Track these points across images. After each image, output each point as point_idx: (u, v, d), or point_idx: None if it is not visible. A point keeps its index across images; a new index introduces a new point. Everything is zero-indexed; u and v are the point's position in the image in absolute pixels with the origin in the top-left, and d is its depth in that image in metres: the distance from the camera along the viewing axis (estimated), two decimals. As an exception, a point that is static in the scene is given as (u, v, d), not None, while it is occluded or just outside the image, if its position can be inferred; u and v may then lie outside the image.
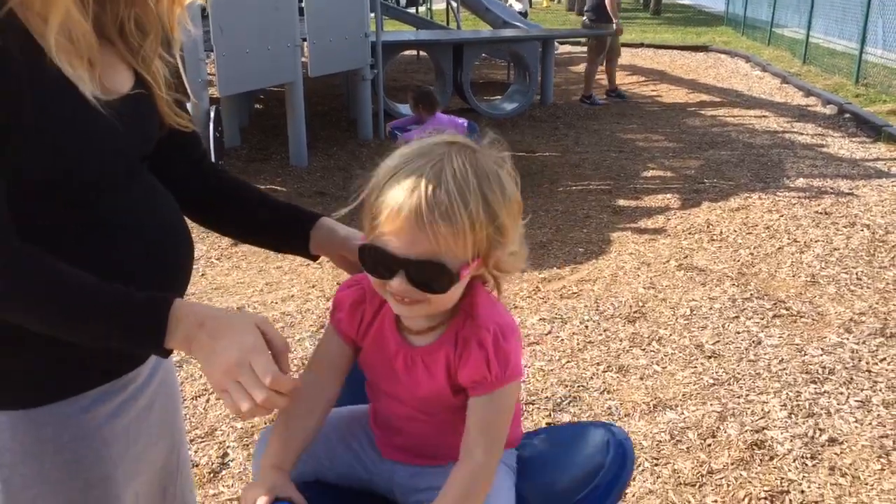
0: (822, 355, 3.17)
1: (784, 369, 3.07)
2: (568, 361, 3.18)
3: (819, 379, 2.99)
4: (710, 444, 2.60)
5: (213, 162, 1.31)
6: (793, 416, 2.75)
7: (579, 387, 2.97)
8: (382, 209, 0.95)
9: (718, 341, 3.33)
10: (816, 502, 2.32)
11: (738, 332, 3.40)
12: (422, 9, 16.13)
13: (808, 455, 2.52)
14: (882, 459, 2.50)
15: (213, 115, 5.41)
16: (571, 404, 2.85)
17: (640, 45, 14.59)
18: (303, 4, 6.18)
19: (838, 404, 2.82)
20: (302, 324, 3.51)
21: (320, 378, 1.12)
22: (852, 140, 7.07)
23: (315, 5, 6.13)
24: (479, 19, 10.87)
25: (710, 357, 3.19)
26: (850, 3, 10.56)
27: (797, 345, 3.27)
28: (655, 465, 2.49)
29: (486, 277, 1.05)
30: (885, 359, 3.14)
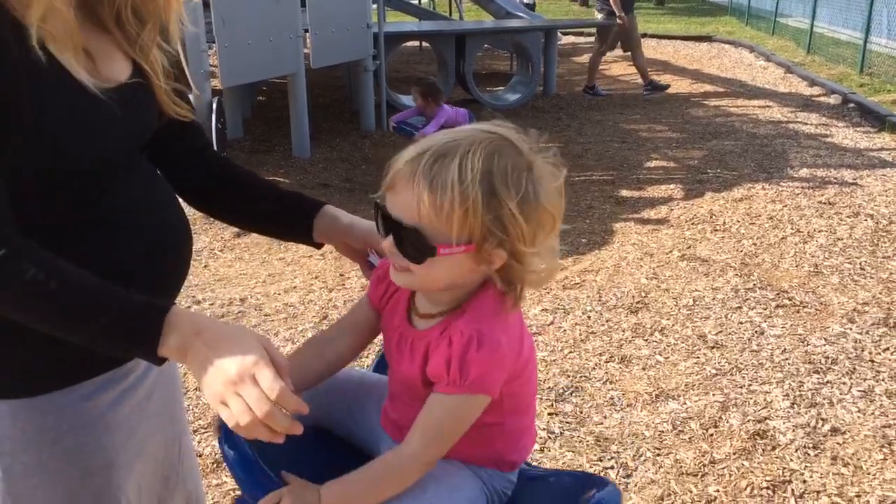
0: (824, 345, 3.17)
1: (787, 359, 3.07)
2: (570, 352, 3.18)
3: (822, 369, 2.99)
4: (712, 434, 2.60)
5: (216, 151, 1.31)
6: (795, 406, 2.75)
7: (582, 377, 2.97)
8: (394, 164, 0.99)
9: (721, 331, 3.32)
10: (819, 492, 2.32)
11: (741, 323, 3.39)
12: (424, -1, 16.09)
13: (811, 445, 2.52)
14: (885, 449, 2.50)
15: (215, 106, 5.40)
16: (574, 394, 2.85)
17: (644, 35, 14.47)
18: (304, -5, 6.17)
19: (841, 394, 2.82)
20: (305, 315, 3.52)
21: (342, 326, 1.19)
22: (856, 130, 7.03)
23: (317, -4, 6.12)
24: (482, 9, 10.82)
25: (712, 347, 3.19)
26: (854, -8, 10.52)
27: (800, 335, 3.27)
28: (658, 455, 2.50)
29: (495, 279, 1.01)
30: (888, 349, 3.13)
